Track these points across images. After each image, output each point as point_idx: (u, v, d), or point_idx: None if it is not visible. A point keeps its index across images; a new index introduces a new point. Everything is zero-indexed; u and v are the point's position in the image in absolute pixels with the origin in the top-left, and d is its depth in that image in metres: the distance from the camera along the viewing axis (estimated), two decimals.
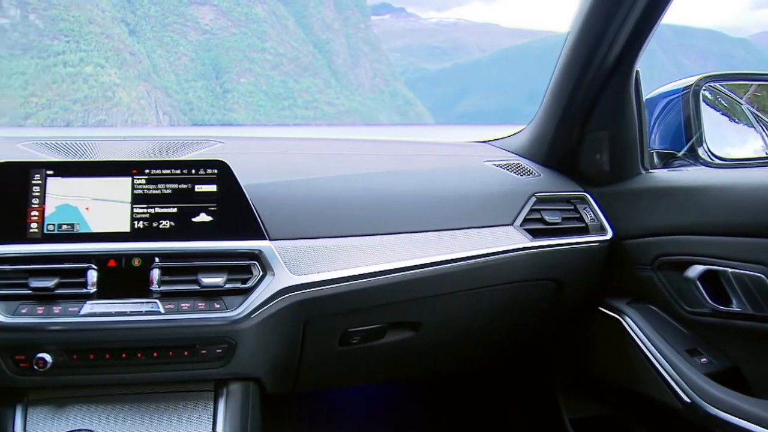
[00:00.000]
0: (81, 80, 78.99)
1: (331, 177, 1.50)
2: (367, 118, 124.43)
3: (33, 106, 74.35)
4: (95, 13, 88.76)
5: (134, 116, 76.64)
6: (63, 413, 1.26)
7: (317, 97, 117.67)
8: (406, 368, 1.68)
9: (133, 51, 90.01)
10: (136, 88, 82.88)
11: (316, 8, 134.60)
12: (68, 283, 1.21)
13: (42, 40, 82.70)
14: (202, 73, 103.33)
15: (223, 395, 1.31)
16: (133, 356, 1.23)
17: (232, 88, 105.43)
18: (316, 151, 1.70)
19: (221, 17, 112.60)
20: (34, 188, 1.29)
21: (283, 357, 1.38)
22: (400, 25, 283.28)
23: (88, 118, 72.94)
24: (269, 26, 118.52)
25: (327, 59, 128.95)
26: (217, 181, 1.31)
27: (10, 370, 1.19)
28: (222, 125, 41.38)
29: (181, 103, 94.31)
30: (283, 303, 1.26)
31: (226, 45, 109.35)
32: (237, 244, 1.27)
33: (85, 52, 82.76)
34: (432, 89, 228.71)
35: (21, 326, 1.17)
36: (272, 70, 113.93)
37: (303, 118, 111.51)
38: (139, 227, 1.28)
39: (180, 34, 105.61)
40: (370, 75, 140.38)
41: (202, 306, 1.22)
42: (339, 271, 1.32)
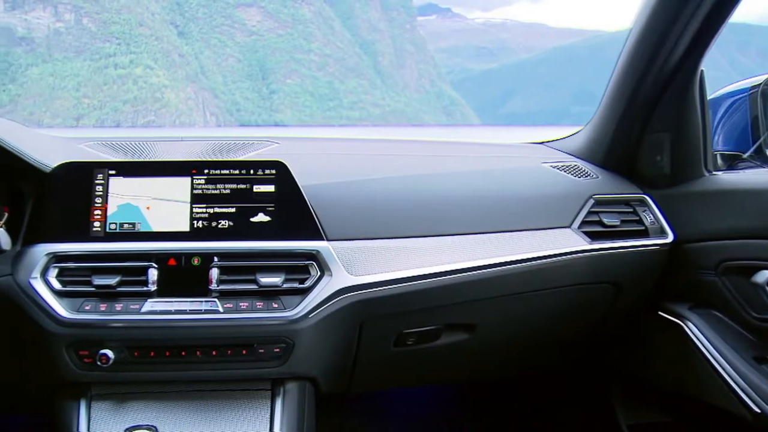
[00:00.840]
0: (131, 82, 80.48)
1: (388, 178, 1.50)
2: (413, 118, 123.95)
3: (85, 107, 76.04)
4: (145, 16, 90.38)
5: (182, 117, 77.69)
6: (124, 408, 1.29)
7: (363, 98, 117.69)
8: (460, 370, 1.68)
9: (182, 53, 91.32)
10: (184, 89, 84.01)
11: (362, 9, 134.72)
12: (130, 281, 1.24)
13: (94, 43, 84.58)
14: (248, 74, 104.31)
15: (280, 394, 1.32)
16: (193, 354, 1.25)
17: (278, 89, 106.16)
18: (371, 152, 1.70)
19: (268, 19, 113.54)
20: (97, 188, 1.31)
21: (339, 357, 1.38)
22: (446, 26, 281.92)
23: (137, 118, 74.26)
24: (315, 27, 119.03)
25: (373, 60, 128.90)
26: (276, 182, 1.32)
27: (75, 365, 1.23)
28: (277, 126, 41.54)
29: (228, 104, 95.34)
30: (340, 303, 1.27)
31: (272, 46, 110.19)
32: (295, 244, 1.28)
33: (135, 54, 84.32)
34: (478, 90, 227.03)
35: (84, 323, 1.21)
36: (318, 70, 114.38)
37: (348, 118, 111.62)
38: (199, 227, 1.30)
39: (227, 36, 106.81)
40: (416, 76, 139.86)
41: (261, 305, 1.24)
42: (396, 272, 1.32)
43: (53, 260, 1.26)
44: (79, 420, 1.27)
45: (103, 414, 1.29)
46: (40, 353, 1.26)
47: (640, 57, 1.44)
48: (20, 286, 1.24)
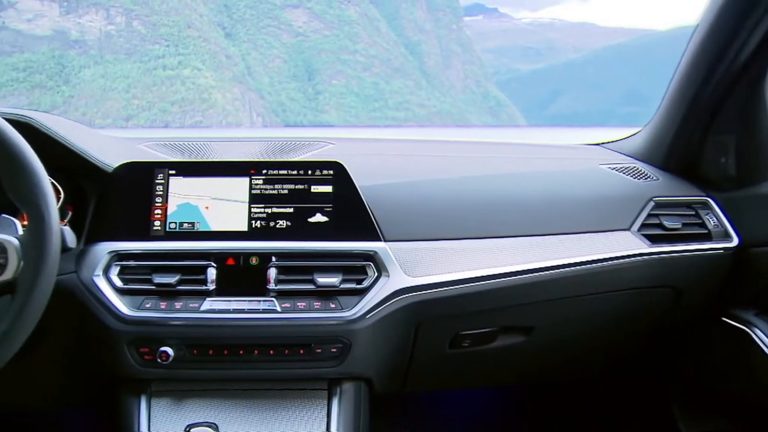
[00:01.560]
0: (179, 83, 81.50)
1: (445, 179, 1.50)
2: (458, 119, 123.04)
3: (134, 108, 77.32)
4: (193, 18, 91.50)
5: (228, 117, 78.41)
6: (183, 405, 1.31)
7: (408, 99, 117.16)
8: (514, 373, 1.68)
9: (229, 54, 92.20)
10: (231, 90, 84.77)
11: (408, 10, 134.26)
12: (189, 280, 1.27)
13: (144, 45, 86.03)
14: (294, 74, 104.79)
15: (337, 394, 1.32)
16: (250, 353, 1.27)
17: (324, 90, 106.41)
18: (426, 153, 1.70)
19: (314, 20, 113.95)
20: (157, 187, 1.34)
21: (394, 358, 1.39)
22: (492, 26, 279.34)
23: (185, 119, 75.20)
24: (361, 28, 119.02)
25: (418, 61, 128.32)
26: (333, 182, 1.34)
27: (136, 362, 1.26)
28: (330, 126, 41.63)
29: (274, 105, 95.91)
30: (398, 304, 1.28)
31: (318, 47, 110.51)
32: (352, 245, 1.30)
33: (183, 56, 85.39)
34: (524, 90, 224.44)
35: (145, 320, 1.24)
36: (364, 71, 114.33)
37: (394, 119, 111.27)
38: (257, 227, 1.32)
39: (274, 37, 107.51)
40: (462, 76, 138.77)
41: (318, 305, 1.26)
42: (453, 274, 1.32)
43: (115, 258, 1.29)
44: (140, 416, 1.29)
45: (163, 410, 1.31)
46: (103, 350, 1.29)
47: (705, 55, 1.39)
48: (84, 283, 1.27)
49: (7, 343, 1.02)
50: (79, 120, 2.35)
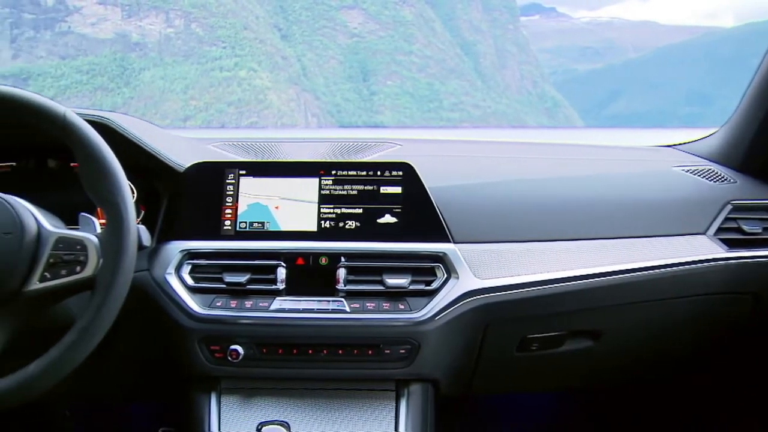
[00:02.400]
0: (235, 84, 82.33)
1: (514, 180, 1.50)
2: (514, 120, 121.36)
3: (192, 108, 78.44)
4: (250, 20, 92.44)
5: (284, 118, 78.84)
6: (253, 403, 1.32)
7: (463, 99, 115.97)
8: (582, 377, 1.67)
9: (285, 55, 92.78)
10: (286, 91, 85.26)
11: (464, 10, 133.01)
12: (259, 279, 1.29)
13: (202, 47, 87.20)
14: (349, 75, 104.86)
15: (405, 395, 1.32)
16: (319, 353, 1.29)
17: (379, 90, 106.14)
18: (494, 154, 1.69)
19: (369, 21, 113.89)
20: (228, 187, 1.36)
21: (461, 360, 1.40)
22: (550, 26, 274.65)
23: (241, 120, 76.01)
24: (416, 29, 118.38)
25: (474, 61, 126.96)
26: (403, 183, 1.34)
27: (206, 359, 1.29)
28: (405, 127, 41.32)
29: (329, 105, 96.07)
30: (466, 306, 1.28)
31: (373, 48, 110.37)
32: (421, 246, 1.31)
33: (239, 57, 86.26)
34: (582, 91, 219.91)
35: (216, 318, 1.27)
36: (418, 72, 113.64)
37: (448, 120, 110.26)
38: (326, 227, 1.33)
39: (329, 38, 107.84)
40: (518, 77, 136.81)
41: (387, 306, 1.27)
42: (523, 276, 1.32)
43: (187, 257, 1.32)
44: (210, 412, 1.31)
45: (232, 408, 1.33)
46: (174, 347, 1.32)
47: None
48: (156, 281, 1.30)
49: (87, 339, 1.04)
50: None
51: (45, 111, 1.10)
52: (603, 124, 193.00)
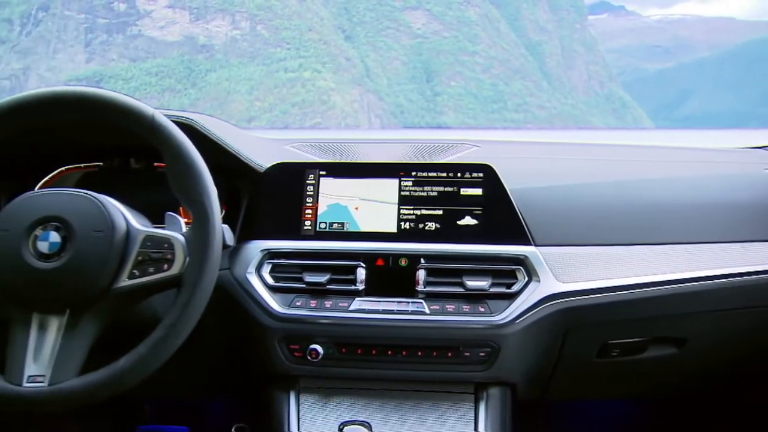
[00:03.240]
0: (299, 85, 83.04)
1: (596, 183, 1.48)
2: (580, 121, 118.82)
3: (256, 109, 79.33)
4: (314, 21, 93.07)
5: (347, 119, 79.00)
6: (331, 402, 1.33)
7: (528, 100, 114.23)
8: (663, 385, 1.63)
9: (348, 56, 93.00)
10: (350, 91, 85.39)
11: (530, 10, 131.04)
12: (339, 280, 1.30)
13: (267, 48, 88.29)
14: (413, 76, 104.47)
15: (484, 398, 1.32)
16: (398, 354, 1.29)
17: (442, 91, 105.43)
18: (572, 156, 1.67)
19: (433, 21, 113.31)
20: (308, 188, 1.38)
21: (539, 364, 1.38)
22: (618, 24, 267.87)
23: (304, 120, 76.38)
24: (481, 29, 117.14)
25: (539, 61, 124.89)
26: (483, 185, 1.35)
27: (286, 358, 1.30)
28: (469, 128, 40.48)
29: (392, 106, 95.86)
30: (547, 310, 1.27)
31: (437, 48, 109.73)
32: (502, 249, 1.30)
33: (304, 58, 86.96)
34: (651, 91, 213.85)
35: (295, 318, 1.28)
36: (482, 73, 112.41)
37: (512, 121, 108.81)
38: (406, 228, 1.34)
39: (393, 39, 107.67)
40: (585, 77, 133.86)
41: (467, 309, 1.26)
42: (605, 281, 1.30)
43: (267, 256, 1.34)
44: (289, 411, 1.32)
45: (311, 406, 1.34)
46: (254, 345, 1.34)
47: None
48: (237, 280, 1.32)
49: (174, 335, 1.07)
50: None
51: (134, 112, 1.13)
52: (674, 125, 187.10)
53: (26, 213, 1.12)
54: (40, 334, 1.09)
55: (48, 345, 1.08)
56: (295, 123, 77.30)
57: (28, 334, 1.09)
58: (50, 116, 1.17)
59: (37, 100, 1.15)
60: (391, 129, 38.49)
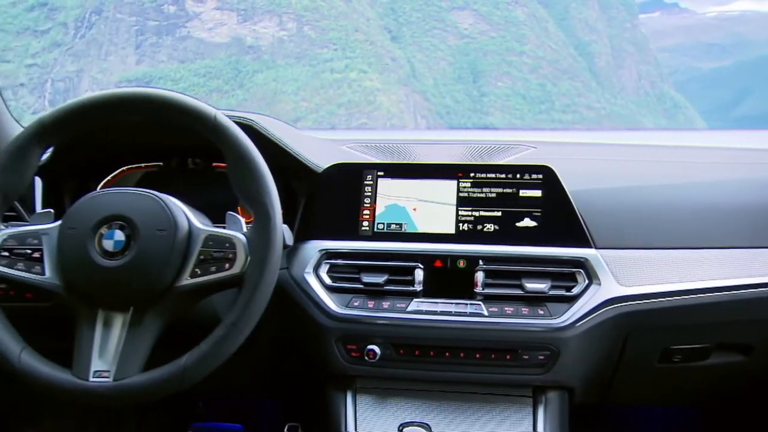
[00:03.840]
0: (345, 85, 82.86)
1: (656, 185, 1.46)
2: (630, 122, 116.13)
3: (303, 110, 79.43)
4: (361, 22, 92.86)
5: (393, 119, 78.51)
6: (388, 403, 1.33)
7: (576, 101, 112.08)
8: (728, 393, 1.61)
9: (394, 56, 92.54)
10: (396, 92, 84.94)
11: (579, 9, 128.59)
12: (397, 281, 1.30)
13: (313, 49, 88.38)
14: (459, 76, 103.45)
15: (542, 402, 1.30)
16: (456, 356, 1.28)
17: (489, 92, 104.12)
18: (629, 157, 1.66)
19: (480, 21, 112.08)
20: (366, 188, 1.38)
21: (599, 368, 1.37)
22: (671, 22, 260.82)
23: (350, 121, 76.22)
24: (528, 29, 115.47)
25: (588, 61, 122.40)
26: (543, 186, 1.33)
27: (343, 358, 1.31)
28: (532, 129, 39.77)
29: (438, 107, 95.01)
30: (608, 314, 1.26)
31: (484, 49, 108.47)
32: (562, 251, 1.30)
33: (350, 59, 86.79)
34: (705, 91, 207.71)
35: (353, 318, 1.28)
36: (530, 73, 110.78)
37: (560, 122, 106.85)
38: (464, 229, 1.34)
39: (439, 39, 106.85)
40: (635, 77, 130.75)
41: (526, 311, 1.25)
42: (668, 285, 1.28)
43: (325, 256, 1.34)
44: (346, 411, 1.32)
45: (368, 407, 1.33)
46: (311, 345, 1.34)
47: None
48: (295, 279, 1.33)
49: (235, 334, 1.08)
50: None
51: (197, 112, 1.14)
52: (730, 125, 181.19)
53: (92, 212, 1.14)
54: (105, 331, 1.11)
55: (113, 341, 1.10)
56: (341, 123, 77.18)
57: (94, 330, 1.11)
58: (117, 116, 1.18)
59: (105, 101, 1.17)
60: (438, 129, 38.30)
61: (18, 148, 1.19)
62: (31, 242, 1.16)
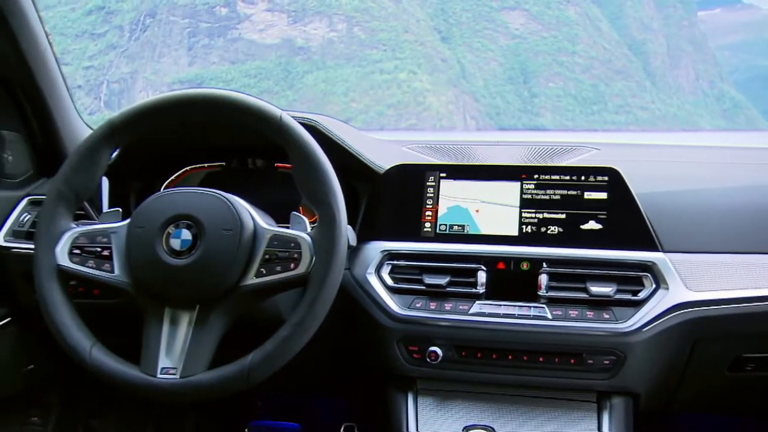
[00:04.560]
0: (395, 86, 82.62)
1: (726, 188, 1.43)
2: (686, 123, 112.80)
3: (352, 111, 79.43)
4: (411, 23, 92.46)
5: (442, 120, 77.94)
6: (449, 405, 1.33)
7: (629, 101, 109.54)
8: None
9: (444, 57, 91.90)
10: (446, 93, 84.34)
11: (634, 8, 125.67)
12: (459, 282, 1.30)
13: (363, 50, 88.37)
14: (510, 77, 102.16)
15: (607, 408, 1.29)
16: (519, 359, 1.28)
17: (540, 93, 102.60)
18: (695, 159, 1.63)
19: (532, 21, 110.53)
20: (428, 189, 1.38)
21: (665, 375, 1.34)
22: (732, 19, 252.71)
23: (399, 122, 75.90)
24: (581, 29, 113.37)
25: (642, 61, 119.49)
26: (608, 189, 1.32)
27: (405, 359, 1.31)
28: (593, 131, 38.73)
29: (488, 108, 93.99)
30: (677, 319, 1.24)
31: (535, 49, 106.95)
32: (628, 254, 1.28)
33: (399, 60, 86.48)
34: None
35: (415, 319, 1.28)
36: (582, 73, 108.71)
37: (613, 123, 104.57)
38: (527, 232, 1.33)
39: (490, 40, 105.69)
40: (692, 77, 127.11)
41: (591, 315, 1.24)
42: (739, 291, 1.25)
43: (387, 257, 1.34)
44: (408, 412, 1.32)
45: (430, 409, 1.33)
46: (373, 345, 1.35)
47: None
48: (357, 280, 1.33)
49: (300, 333, 1.09)
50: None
51: (263, 113, 1.15)
52: None
53: (160, 211, 1.15)
54: (172, 328, 1.13)
55: (179, 339, 1.12)
56: (390, 124, 77.00)
57: (161, 328, 1.13)
58: (185, 117, 1.21)
59: (174, 102, 1.19)
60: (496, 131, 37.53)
61: (89, 149, 1.21)
62: (101, 240, 1.18)
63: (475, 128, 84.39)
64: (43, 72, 1.58)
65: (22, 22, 1.48)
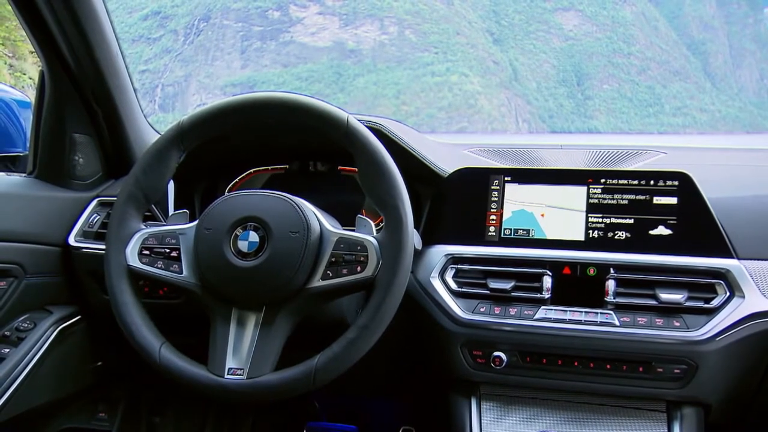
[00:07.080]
0: (446, 89, 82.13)
1: None
2: (749, 125, 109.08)
3: (403, 113, 79.26)
4: (462, 25, 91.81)
5: (494, 123, 77.13)
6: (513, 411, 1.31)
7: (687, 103, 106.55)
8: None
9: (496, 60, 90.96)
10: (497, 95, 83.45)
11: (693, 6, 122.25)
12: (524, 287, 1.28)
13: (414, 53, 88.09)
14: (563, 79, 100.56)
15: (677, 419, 1.25)
16: (585, 365, 1.25)
17: (594, 95, 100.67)
18: (765, 162, 1.58)
19: (586, 22, 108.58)
20: (493, 193, 1.37)
21: (739, 387, 1.28)
22: None
23: (451, 124, 75.51)
24: (637, 29, 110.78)
25: (702, 61, 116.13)
26: (678, 193, 1.28)
27: (468, 364, 1.29)
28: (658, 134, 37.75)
29: (541, 111, 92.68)
30: (753, 329, 1.19)
31: (589, 51, 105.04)
32: (700, 261, 1.23)
33: (451, 62, 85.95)
34: None
35: (479, 324, 1.26)
36: (638, 75, 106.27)
37: (670, 125, 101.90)
38: (594, 237, 1.30)
39: (543, 41, 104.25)
40: (756, 77, 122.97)
41: (660, 322, 1.20)
42: None
43: (451, 261, 1.32)
44: (471, 416, 1.30)
45: (492, 414, 1.31)
46: (436, 349, 1.33)
47: None
48: (421, 283, 1.32)
49: (367, 336, 1.08)
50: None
51: (330, 116, 1.15)
52: None
53: (227, 213, 1.16)
54: (239, 329, 1.14)
55: (246, 340, 1.13)
56: (441, 127, 76.50)
57: (228, 328, 1.14)
58: (255, 119, 1.21)
59: (242, 105, 1.19)
60: (540, 134, 36.84)
61: (158, 151, 1.23)
62: (169, 242, 1.19)
63: (527, 131, 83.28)
64: (113, 77, 1.60)
65: (95, 29, 1.49)
